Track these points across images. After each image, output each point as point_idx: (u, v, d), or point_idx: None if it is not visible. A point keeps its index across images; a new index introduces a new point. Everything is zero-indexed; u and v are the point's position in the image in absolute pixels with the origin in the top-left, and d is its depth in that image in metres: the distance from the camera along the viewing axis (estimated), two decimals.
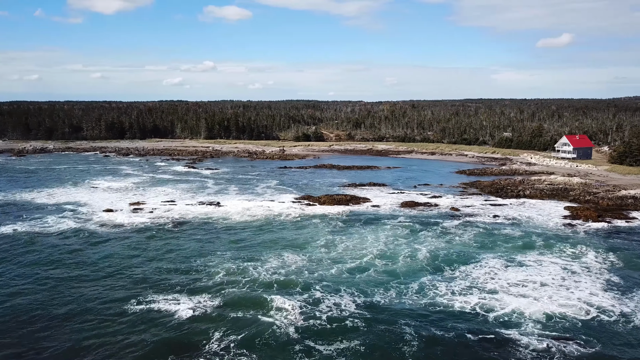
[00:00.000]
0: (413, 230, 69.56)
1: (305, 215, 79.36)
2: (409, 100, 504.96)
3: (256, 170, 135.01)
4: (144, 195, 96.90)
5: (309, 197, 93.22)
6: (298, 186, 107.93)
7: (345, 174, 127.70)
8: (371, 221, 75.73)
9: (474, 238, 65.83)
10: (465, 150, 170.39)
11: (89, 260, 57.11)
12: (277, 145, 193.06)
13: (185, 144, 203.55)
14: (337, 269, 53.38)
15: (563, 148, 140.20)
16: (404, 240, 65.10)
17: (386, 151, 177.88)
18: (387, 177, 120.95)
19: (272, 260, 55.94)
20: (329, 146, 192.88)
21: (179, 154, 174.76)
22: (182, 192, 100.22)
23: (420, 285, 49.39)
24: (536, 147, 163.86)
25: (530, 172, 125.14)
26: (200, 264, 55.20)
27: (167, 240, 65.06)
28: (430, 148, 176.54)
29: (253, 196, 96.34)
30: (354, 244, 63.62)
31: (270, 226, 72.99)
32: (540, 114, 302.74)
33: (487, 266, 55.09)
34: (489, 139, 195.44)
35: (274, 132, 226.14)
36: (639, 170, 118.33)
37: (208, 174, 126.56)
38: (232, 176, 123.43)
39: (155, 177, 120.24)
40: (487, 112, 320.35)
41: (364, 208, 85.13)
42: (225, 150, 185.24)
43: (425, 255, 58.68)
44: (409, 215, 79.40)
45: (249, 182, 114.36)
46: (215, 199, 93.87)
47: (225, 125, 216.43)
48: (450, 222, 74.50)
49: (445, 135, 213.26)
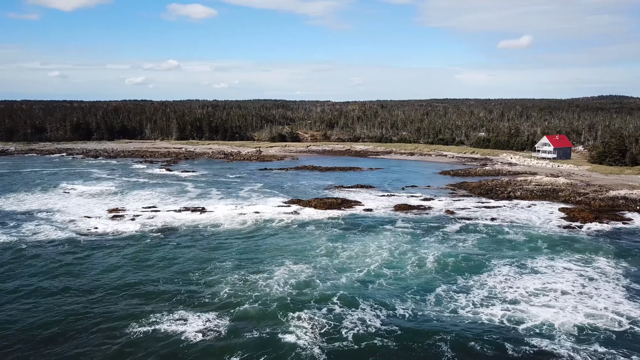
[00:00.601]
0: (414, 236, 67.13)
1: (298, 221, 75.96)
2: (377, 100, 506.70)
3: (235, 172, 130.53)
4: (122, 201, 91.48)
5: (299, 201, 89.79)
6: (283, 189, 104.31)
7: (328, 175, 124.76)
8: (369, 227, 72.98)
9: (478, 244, 63.87)
10: (444, 150, 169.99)
11: (75, 275, 52.29)
12: (253, 146, 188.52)
13: (157, 145, 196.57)
14: (348, 279, 50.33)
15: (543, 148, 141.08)
16: (407, 246, 62.55)
17: (365, 152, 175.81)
18: (371, 179, 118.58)
19: (278, 271, 52.40)
20: (306, 147, 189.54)
21: (151, 155, 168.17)
22: (162, 197, 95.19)
23: (437, 297, 46.87)
24: (514, 147, 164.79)
25: (513, 172, 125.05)
26: (200, 276, 51.20)
27: (157, 251, 60.62)
28: (408, 148, 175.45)
29: (239, 200, 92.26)
30: (356, 251, 60.69)
31: (264, 234, 69.32)
32: (509, 114, 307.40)
33: (501, 274, 53.07)
34: (464, 139, 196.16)
35: (247, 132, 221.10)
36: (619, 170, 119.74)
37: (186, 177, 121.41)
38: (211, 179, 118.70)
39: (131, 181, 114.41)
40: (456, 112, 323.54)
41: (357, 212, 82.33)
42: (199, 151, 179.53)
43: (432, 263, 56.30)
44: (406, 219, 77.01)
45: (230, 185, 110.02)
46: (199, 204, 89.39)
47: (197, 125, 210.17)
48: (449, 226, 72.48)
49: (421, 135, 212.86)
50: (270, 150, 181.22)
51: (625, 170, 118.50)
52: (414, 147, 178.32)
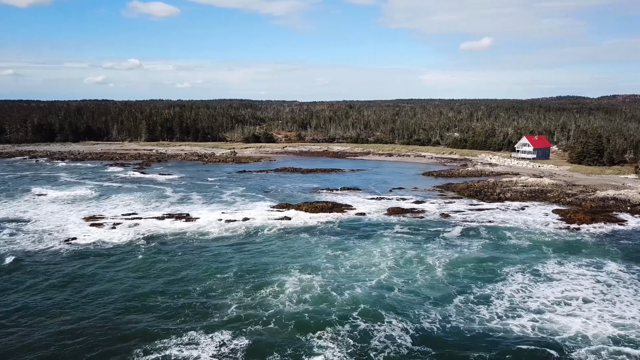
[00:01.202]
0: (416, 243, 64.68)
1: (291, 228, 72.53)
2: (343, 100, 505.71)
3: (213, 175, 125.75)
4: (99, 207, 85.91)
5: (288, 206, 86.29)
6: (268, 192, 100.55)
7: (311, 177, 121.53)
8: (367, 232, 70.24)
9: (483, 250, 61.88)
10: (421, 151, 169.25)
11: (60, 292, 47.48)
12: (227, 147, 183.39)
13: (126, 147, 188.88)
14: (363, 291, 47.35)
15: (523, 148, 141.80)
16: (412, 253, 60.04)
17: (343, 153, 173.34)
18: (356, 181, 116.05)
19: (286, 284, 48.91)
20: (282, 148, 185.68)
21: (120, 158, 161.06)
22: (141, 203, 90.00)
23: (458, 308, 44.46)
24: (491, 147, 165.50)
25: (496, 173, 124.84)
26: (202, 292, 47.25)
27: (147, 263, 56.15)
28: (386, 149, 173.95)
29: (223, 205, 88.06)
30: (361, 260, 57.80)
31: (258, 242, 65.62)
32: (477, 114, 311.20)
33: (515, 282, 51.12)
34: (439, 140, 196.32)
35: (219, 133, 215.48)
36: (600, 169, 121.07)
37: (163, 181, 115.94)
38: (190, 182, 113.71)
39: (104, 185, 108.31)
40: (425, 113, 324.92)
41: (350, 216, 79.48)
42: (171, 153, 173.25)
43: (442, 271, 53.96)
44: (402, 223, 74.63)
45: (211, 188, 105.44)
46: (182, 210, 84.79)
47: (168, 126, 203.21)
48: (449, 231, 70.44)
49: (395, 136, 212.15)
50: (246, 152, 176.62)
51: (605, 170, 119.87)
52: (391, 147, 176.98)
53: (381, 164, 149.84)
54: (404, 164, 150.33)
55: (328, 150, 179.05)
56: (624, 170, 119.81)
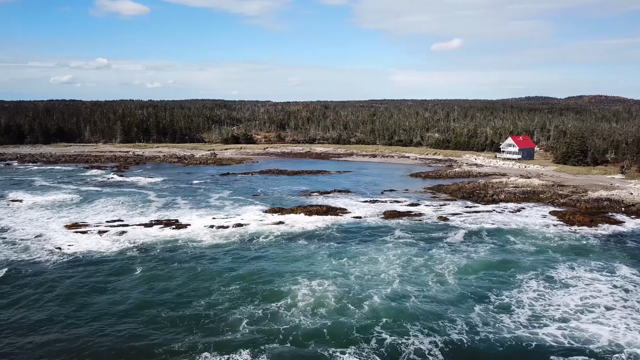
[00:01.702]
0: (420, 248, 62.64)
1: (288, 234, 69.71)
2: (317, 100, 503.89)
3: (196, 177, 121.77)
4: (81, 214, 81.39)
5: (281, 210, 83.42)
6: (257, 196, 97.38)
7: (298, 180, 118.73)
8: (367, 237, 68.00)
9: (490, 255, 60.15)
10: (405, 152, 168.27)
11: (50, 308, 43.66)
12: (207, 149, 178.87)
13: (100, 149, 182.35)
14: (381, 300, 45.05)
15: (508, 149, 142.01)
16: (418, 260, 58.00)
17: (326, 154, 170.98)
18: (345, 183, 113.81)
19: (296, 296, 46.15)
20: (263, 149, 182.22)
21: (96, 160, 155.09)
22: (125, 209, 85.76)
23: (481, 317, 42.56)
24: (474, 147, 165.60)
25: (483, 174, 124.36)
26: (208, 307, 44.07)
27: (143, 275, 52.60)
28: (369, 150, 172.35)
29: (212, 210, 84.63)
30: (368, 268, 55.48)
31: (256, 250, 62.62)
32: (453, 115, 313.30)
33: (531, 289, 49.55)
34: (420, 140, 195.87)
35: (197, 134, 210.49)
36: (586, 170, 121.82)
37: (145, 184, 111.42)
38: (173, 186, 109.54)
39: (83, 190, 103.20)
40: (401, 113, 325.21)
41: (347, 220, 77.11)
42: (149, 155, 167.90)
43: (453, 279, 52.09)
44: (401, 227, 72.67)
45: (196, 192, 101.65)
46: (170, 215, 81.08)
47: (144, 127, 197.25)
48: (451, 235, 68.74)
49: (376, 136, 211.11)
50: (226, 153, 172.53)
51: (592, 171, 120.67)
52: (374, 148, 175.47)
53: (366, 165, 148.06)
54: (388, 165, 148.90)
55: (311, 151, 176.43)
56: (609, 170, 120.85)
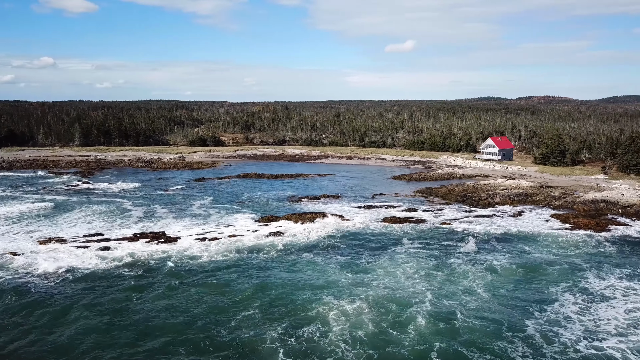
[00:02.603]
0: (436, 260, 58.85)
1: (290, 246, 64.58)
2: (274, 101, 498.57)
3: (170, 183, 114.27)
4: (53, 227, 73.45)
5: (274, 219, 78.02)
6: (242, 203, 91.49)
7: (280, 184, 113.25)
8: (375, 248, 63.76)
9: (511, 266, 56.74)
10: (381, 153, 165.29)
11: (45, 338, 37.06)
12: (174, 152, 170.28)
13: (57, 153, 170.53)
14: (425, 320, 41.10)
15: (488, 150, 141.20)
16: (440, 273, 54.23)
17: (300, 156, 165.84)
18: (330, 187, 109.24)
19: (327, 319, 41.22)
20: (234, 151, 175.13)
21: (55, 165, 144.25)
22: (102, 220, 78.26)
23: (537, 335, 39.17)
24: (450, 148, 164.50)
25: (467, 175, 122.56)
26: (231, 334, 38.64)
27: (141, 298, 46.37)
28: (344, 152, 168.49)
29: (199, 220, 78.39)
30: (390, 281, 51.25)
31: (260, 265, 57.23)
32: (417, 115, 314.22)
33: (569, 302, 46.73)
34: (392, 141, 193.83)
35: (162, 136, 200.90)
36: (569, 170, 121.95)
37: (117, 191, 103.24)
38: (148, 193, 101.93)
39: (47, 199, 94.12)
40: (365, 114, 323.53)
41: (348, 228, 72.59)
42: (112, 159, 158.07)
43: (486, 293, 48.82)
44: (408, 236, 68.91)
45: (175, 200, 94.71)
46: (153, 227, 74.39)
47: (104, 130, 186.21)
48: (462, 244, 65.40)
49: (347, 138, 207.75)
50: (195, 156, 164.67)
51: (574, 171, 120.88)
52: (349, 150, 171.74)
53: (344, 167, 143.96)
54: (368, 167, 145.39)
55: (284, 153, 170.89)
56: (591, 170, 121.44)
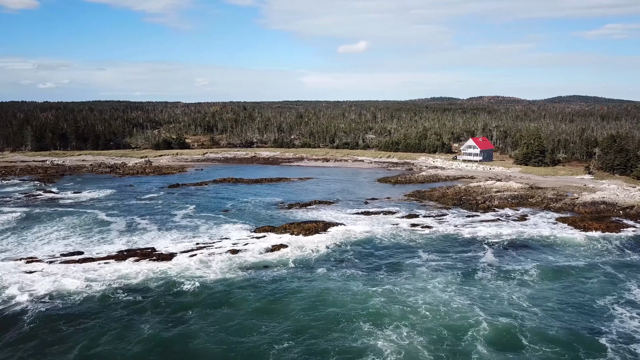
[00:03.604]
0: (463, 272, 54.76)
1: (300, 262, 58.86)
2: (229, 101, 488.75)
3: (143, 191, 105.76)
4: (23, 245, 64.77)
5: (273, 229, 71.98)
6: (229, 212, 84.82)
7: (263, 190, 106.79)
8: (392, 260, 59.27)
9: (544, 278, 53.21)
10: (357, 155, 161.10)
11: None
12: (138, 156, 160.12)
13: (8, 158, 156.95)
14: (488, 350, 36.37)
15: (469, 150, 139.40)
16: (473, 289, 50.14)
17: (274, 159, 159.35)
18: (317, 192, 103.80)
19: (380, 351, 35.97)
20: (202, 154, 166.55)
21: (8, 172, 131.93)
22: (79, 235, 70.01)
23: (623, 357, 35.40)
24: (426, 149, 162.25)
25: (452, 177, 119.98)
26: None
27: (150, 333, 39.68)
28: (319, 154, 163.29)
29: (188, 233, 71.50)
30: (426, 300, 46.67)
31: (274, 285, 51.31)
32: (380, 116, 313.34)
33: (626, 316, 44.19)
34: (362, 142, 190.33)
35: (122, 139, 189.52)
36: (553, 170, 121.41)
37: (86, 201, 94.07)
38: (121, 202, 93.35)
39: (7, 211, 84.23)
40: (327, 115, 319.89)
41: (356, 238, 67.55)
42: (71, 164, 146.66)
43: (536, 309, 45.43)
44: (422, 246, 64.75)
45: (154, 210, 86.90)
46: (138, 242, 67.05)
47: (61, 133, 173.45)
48: (481, 253, 61.87)
49: (316, 139, 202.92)
50: (162, 160, 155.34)
51: (559, 171, 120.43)
52: (324, 152, 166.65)
53: (323, 170, 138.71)
54: (347, 169, 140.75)
55: (256, 156, 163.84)
56: (575, 170, 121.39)
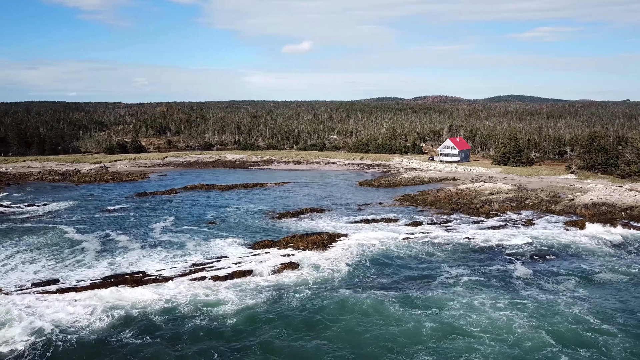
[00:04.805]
0: (506, 290, 50.11)
1: (320, 283, 52.23)
2: (172, 101, 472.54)
3: (108, 201, 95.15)
4: None
5: (272, 244, 64.70)
6: (214, 224, 76.67)
7: (242, 197, 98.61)
8: (416, 276, 53.97)
9: (594, 290, 49.82)
10: (328, 157, 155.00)
11: None
12: (93, 161, 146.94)
13: None
14: None
15: (447, 151, 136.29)
16: (530, 310, 45.31)
17: (241, 162, 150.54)
18: (302, 199, 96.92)
19: None
20: (162, 158, 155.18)
21: None
22: (49, 258, 60.09)
23: None
24: (397, 150, 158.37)
25: (435, 179, 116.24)
26: None
27: None
28: (289, 157, 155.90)
29: (176, 251, 63.24)
30: (481, 325, 41.46)
31: (306, 318, 44.35)
32: (337, 116, 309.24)
33: None
34: (335, 144, 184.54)
35: (71, 143, 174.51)
36: (535, 170, 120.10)
37: (43, 215, 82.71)
38: (86, 215, 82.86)
39: None
40: (282, 115, 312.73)
41: (371, 252, 61.46)
42: (16, 172, 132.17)
43: (609, 327, 40.69)
44: (445, 260, 59.74)
45: (126, 223, 77.44)
46: (122, 262, 58.47)
47: (0, 137, 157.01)
48: (511, 266, 57.53)
49: (279, 140, 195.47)
50: (119, 166, 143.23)
51: (541, 171, 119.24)
52: (294, 154, 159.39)
53: (299, 174, 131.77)
54: (322, 172, 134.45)
55: (222, 159, 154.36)
56: (557, 170, 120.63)
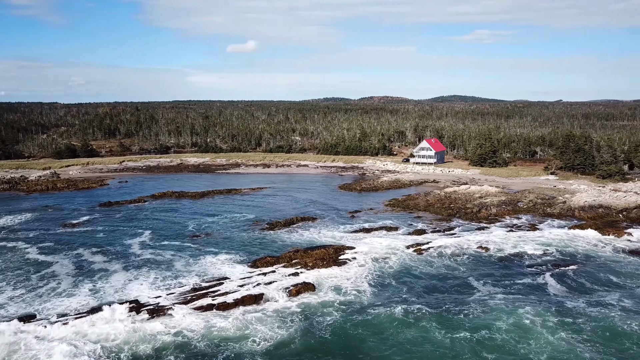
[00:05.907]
0: (549, 308, 45.73)
1: (346, 306, 46.34)
2: (113, 101, 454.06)
3: (69, 213, 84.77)
4: None
5: (277, 260, 58.03)
6: (198, 237, 69.16)
7: (219, 205, 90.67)
8: (454, 298, 48.95)
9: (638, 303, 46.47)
10: (298, 159, 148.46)
11: None
12: (40, 167, 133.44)
13: None
14: None
15: (423, 152, 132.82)
16: (587, 331, 41.25)
17: (206, 165, 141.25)
18: (285, 206, 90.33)
19: None
20: (119, 163, 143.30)
21: None
22: (15, 286, 51.16)
23: None
24: (367, 152, 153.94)
25: (417, 182, 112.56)
26: None
27: None
28: (257, 159, 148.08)
29: (165, 272, 55.75)
30: (547, 351, 36.70)
31: (340, 349, 38.60)
32: (294, 117, 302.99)
33: None
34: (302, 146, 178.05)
35: (11, 147, 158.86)
36: (514, 172, 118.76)
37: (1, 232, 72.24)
38: (46, 231, 72.81)
39: None
40: (235, 115, 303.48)
41: (390, 267, 56.07)
42: None
43: None
44: (464, 273, 55.35)
45: (97, 239, 68.39)
46: (106, 288, 50.09)
47: None
48: (539, 279, 53.86)
49: (240, 142, 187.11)
50: (71, 172, 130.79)
51: (520, 172, 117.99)
52: (261, 157, 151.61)
53: (271, 178, 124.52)
54: (296, 176, 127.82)
55: (184, 163, 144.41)
56: (536, 170, 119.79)
